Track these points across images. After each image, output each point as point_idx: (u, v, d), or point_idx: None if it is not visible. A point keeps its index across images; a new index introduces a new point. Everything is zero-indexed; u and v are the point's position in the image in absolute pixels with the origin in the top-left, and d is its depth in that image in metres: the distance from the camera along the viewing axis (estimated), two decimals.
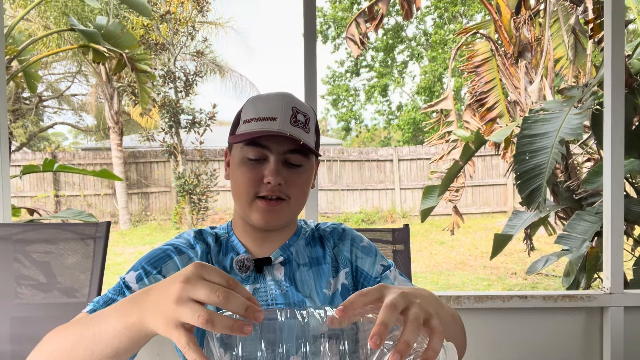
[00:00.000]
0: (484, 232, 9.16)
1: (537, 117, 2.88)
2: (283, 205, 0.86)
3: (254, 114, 0.86)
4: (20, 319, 1.49)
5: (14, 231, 1.55)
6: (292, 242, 0.93)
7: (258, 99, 0.88)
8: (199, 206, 8.91)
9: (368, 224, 10.44)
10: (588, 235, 2.85)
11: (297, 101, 0.88)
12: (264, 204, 0.85)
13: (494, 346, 1.90)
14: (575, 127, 2.69)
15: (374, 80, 17.02)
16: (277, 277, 0.89)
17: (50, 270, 1.51)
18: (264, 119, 0.84)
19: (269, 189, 0.84)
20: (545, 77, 4.45)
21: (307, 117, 0.87)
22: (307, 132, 0.87)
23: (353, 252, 0.95)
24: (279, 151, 0.85)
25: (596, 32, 3.39)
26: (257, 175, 0.85)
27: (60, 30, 8.35)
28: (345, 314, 0.52)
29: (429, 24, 16.52)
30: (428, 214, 4.30)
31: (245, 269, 0.87)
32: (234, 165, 0.89)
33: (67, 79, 13.74)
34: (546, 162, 2.61)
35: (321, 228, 0.99)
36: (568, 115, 2.78)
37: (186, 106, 9.22)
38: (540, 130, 2.78)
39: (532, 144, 2.74)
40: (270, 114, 0.84)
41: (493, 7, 4.62)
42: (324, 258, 0.94)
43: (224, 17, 11.70)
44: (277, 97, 0.87)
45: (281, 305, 0.86)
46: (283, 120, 0.84)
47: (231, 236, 0.94)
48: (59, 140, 22.23)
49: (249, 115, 0.87)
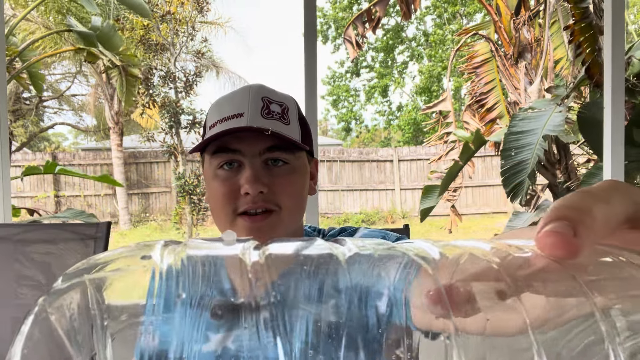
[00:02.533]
0: (484, 233, 9.16)
1: (525, 114, 2.95)
2: (273, 219, 0.69)
3: (218, 115, 0.71)
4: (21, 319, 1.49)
5: (14, 231, 1.55)
6: None
7: (221, 99, 0.74)
8: (199, 206, 8.91)
9: (368, 224, 10.43)
10: None
11: (268, 90, 0.73)
12: (247, 220, 0.68)
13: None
14: (558, 123, 2.75)
15: (374, 80, 17.03)
16: None
17: (50, 271, 1.51)
18: (229, 117, 0.69)
19: (250, 200, 0.67)
20: (545, 77, 4.45)
21: (284, 106, 0.72)
22: (285, 123, 0.70)
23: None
24: (255, 152, 0.68)
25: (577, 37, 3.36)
26: (233, 187, 0.68)
27: (59, 31, 8.35)
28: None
29: (429, 24, 16.54)
30: (427, 214, 4.31)
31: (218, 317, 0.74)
32: (207, 182, 0.72)
33: (67, 79, 13.75)
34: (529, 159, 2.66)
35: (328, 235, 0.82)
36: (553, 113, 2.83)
37: (186, 106, 9.23)
38: (526, 127, 2.85)
39: (519, 141, 2.80)
40: (235, 111, 0.69)
41: (493, 8, 4.63)
42: None
43: (223, 17, 11.70)
44: (242, 91, 0.72)
45: None
46: (252, 113, 0.68)
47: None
48: (59, 141, 22.23)
49: (213, 119, 0.72)
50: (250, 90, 0.72)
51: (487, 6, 4.64)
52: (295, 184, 0.71)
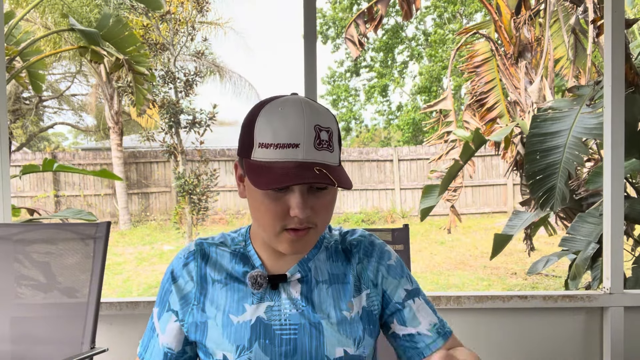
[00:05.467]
0: (484, 232, 9.16)
1: (546, 115, 2.84)
2: (311, 233, 0.80)
3: (272, 137, 0.74)
4: (20, 319, 1.49)
5: (14, 231, 1.55)
6: (311, 255, 0.88)
7: (274, 116, 0.75)
8: (199, 206, 8.90)
9: (368, 224, 10.43)
10: (593, 237, 2.81)
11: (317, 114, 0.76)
12: (292, 234, 0.78)
13: (494, 346, 1.90)
14: (594, 126, 2.63)
15: (374, 80, 17.03)
16: (292, 295, 0.84)
17: (50, 271, 1.51)
18: (285, 146, 0.73)
19: (297, 222, 0.77)
20: (545, 77, 4.45)
21: (330, 131, 0.76)
22: (331, 151, 0.76)
23: (380, 271, 0.89)
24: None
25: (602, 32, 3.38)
26: (283, 208, 0.76)
27: (60, 30, 8.34)
28: None
29: (429, 24, 16.53)
30: (428, 213, 4.30)
31: (258, 286, 0.83)
32: (253, 192, 0.79)
33: (67, 79, 13.74)
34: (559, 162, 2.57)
35: (347, 240, 0.91)
36: (580, 114, 2.74)
37: (186, 106, 9.22)
38: (550, 129, 2.74)
39: (543, 143, 2.69)
40: (291, 140, 0.73)
41: (493, 7, 4.63)
42: (346, 276, 0.87)
43: (223, 18, 11.70)
44: (296, 115, 0.74)
45: (295, 326, 0.83)
46: (307, 145, 0.73)
47: (248, 245, 0.89)
48: (58, 141, 22.22)
49: (265, 139, 0.74)
50: (304, 114, 0.75)
51: (487, 5, 4.64)
52: (330, 205, 0.81)
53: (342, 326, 0.83)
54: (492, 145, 4.55)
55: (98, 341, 1.48)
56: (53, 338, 1.48)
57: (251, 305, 0.83)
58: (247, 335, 0.82)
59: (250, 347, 0.81)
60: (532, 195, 2.65)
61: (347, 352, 0.82)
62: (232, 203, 10.84)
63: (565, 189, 2.56)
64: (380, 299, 0.88)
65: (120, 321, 1.88)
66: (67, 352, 1.44)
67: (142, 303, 1.86)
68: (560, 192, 2.58)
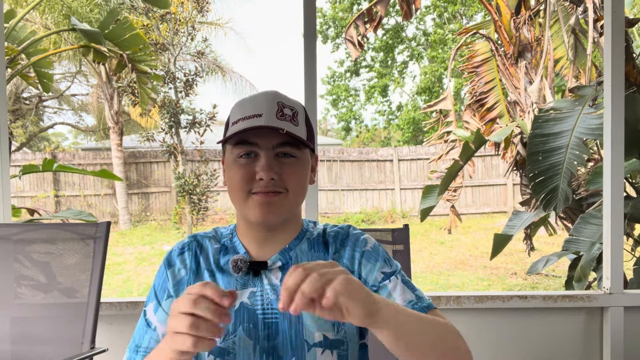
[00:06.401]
0: (483, 232, 9.16)
1: (548, 116, 2.80)
2: (281, 198, 0.85)
3: (240, 113, 0.87)
4: (20, 319, 1.49)
5: (14, 231, 1.55)
6: (293, 245, 0.91)
7: (244, 100, 0.90)
8: (199, 206, 8.91)
9: (368, 224, 10.43)
10: (597, 238, 2.79)
11: (282, 96, 0.89)
12: (260, 196, 0.84)
13: (494, 346, 1.90)
14: (596, 127, 2.58)
15: (374, 80, 17.02)
16: (273, 282, 0.87)
17: (50, 271, 1.51)
18: (250, 117, 0.85)
19: (263, 185, 0.84)
20: (545, 77, 4.45)
21: (294, 110, 0.88)
22: (295, 124, 0.86)
23: (355, 257, 0.90)
24: (269, 146, 0.85)
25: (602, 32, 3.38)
26: (250, 172, 0.85)
27: (61, 30, 8.34)
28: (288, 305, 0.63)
29: (429, 24, 16.53)
30: (428, 214, 4.30)
31: (237, 269, 0.86)
32: (227, 168, 0.90)
33: (67, 79, 13.74)
34: (562, 162, 2.54)
35: (328, 232, 0.95)
36: (582, 115, 2.71)
37: (186, 106, 9.22)
38: (552, 129, 2.70)
39: (545, 144, 2.66)
40: (255, 112, 0.85)
41: (493, 7, 4.62)
42: None
43: (223, 18, 11.71)
44: (261, 95, 0.88)
45: (276, 311, 0.85)
46: (269, 115, 0.84)
47: (234, 237, 0.94)
48: (58, 141, 22.22)
49: (236, 117, 0.88)
50: (267, 95, 0.88)
51: (487, 5, 4.64)
52: (299, 173, 0.87)
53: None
54: (492, 145, 4.55)
55: (98, 341, 1.48)
56: (53, 338, 1.48)
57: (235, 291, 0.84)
58: (231, 320, 0.83)
59: (235, 331, 0.85)
60: (535, 197, 2.61)
61: (326, 337, 0.85)
62: (232, 203, 10.83)
63: (568, 189, 2.54)
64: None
65: (120, 321, 1.88)
66: (67, 352, 1.44)
67: (142, 303, 1.86)
68: (564, 193, 2.55)
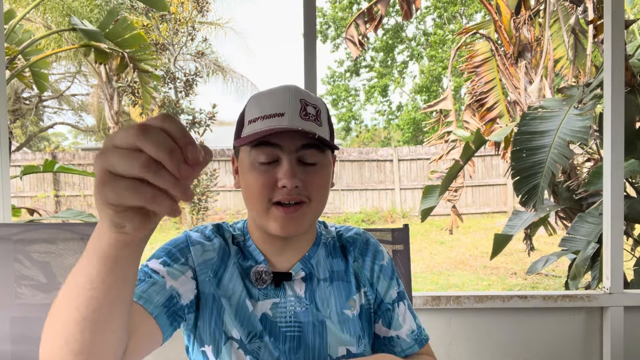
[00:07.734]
0: (483, 232, 9.16)
1: (535, 114, 2.81)
2: (304, 210, 0.77)
3: (259, 111, 0.77)
4: (20, 319, 1.49)
5: (14, 231, 1.55)
6: (312, 252, 0.86)
7: (261, 96, 0.79)
8: (199, 206, 8.91)
9: (368, 224, 10.43)
10: (592, 237, 2.80)
11: (304, 93, 0.79)
12: (282, 211, 0.75)
13: (494, 346, 1.90)
14: (579, 129, 2.59)
15: (374, 80, 17.02)
16: (297, 293, 0.82)
17: (50, 270, 1.51)
18: (271, 115, 0.75)
19: (286, 192, 0.75)
20: (545, 77, 4.45)
21: (317, 109, 0.79)
22: (319, 124, 0.78)
23: (374, 270, 0.88)
24: (292, 149, 0.75)
25: (599, 32, 3.38)
26: (271, 179, 0.75)
27: (61, 30, 8.35)
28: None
29: (429, 24, 16.54)
30: (428, 214, 4.30)
31: (262, 282, 0.81)
32: (244, 171, 0.79)
33: (67, 79, 13.74)
34: (544, 161, 2.55)
35: (343, 236, 0.91)
36: (568, 116, 2.72)
37: (186, 106, 9.22)
38: (538, 128, 2.71)
39: (531, 142, 2.66)
40: (277, 110, 0.75)
41: (493, 7, 4.62)
42: (346, 273, 0.87)
43: (223, 18, 11.72)
44: (282, 91, 0.78)
45: (300, 324, 0.81)
46: (292, 114, 0.75)
47: (247, 240, 0.85)
48: (58, 140, 22.22)
49: (253, 115, 0.77)
50: (289, 90, 0.78)
51: (487, 5, 4.64)
52: (323, 181, 0.79)
53: (345, 325, 0.83)
54: (492, 145, 4.55)
55: None
56: None
57: (257, 301, 0.81)
58: (259, 325, 0.79)
59: (262, 338, 0.79)
60: (516, 193, 2.61)
61: (349, 351, 0.82)
62: (232, 203, 10.83)
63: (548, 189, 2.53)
64: (374, 298, 0.88)
65: None
66: None
67: None
68: (543, 192, 2.56)
